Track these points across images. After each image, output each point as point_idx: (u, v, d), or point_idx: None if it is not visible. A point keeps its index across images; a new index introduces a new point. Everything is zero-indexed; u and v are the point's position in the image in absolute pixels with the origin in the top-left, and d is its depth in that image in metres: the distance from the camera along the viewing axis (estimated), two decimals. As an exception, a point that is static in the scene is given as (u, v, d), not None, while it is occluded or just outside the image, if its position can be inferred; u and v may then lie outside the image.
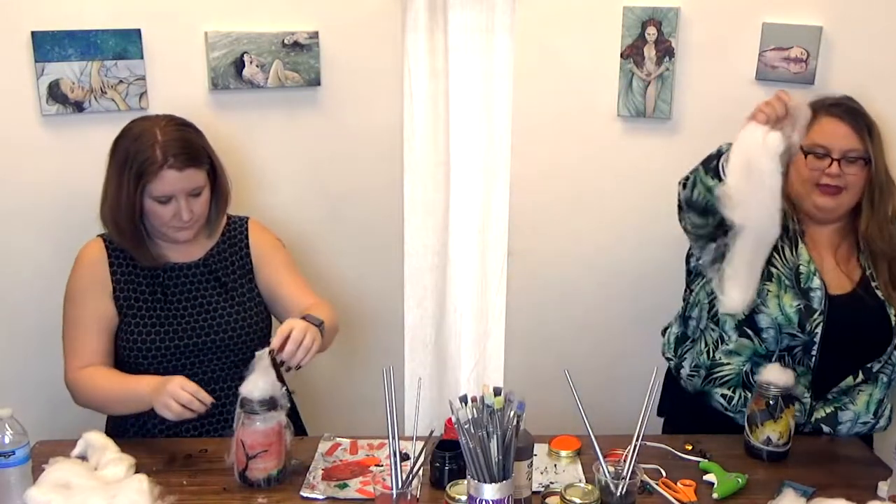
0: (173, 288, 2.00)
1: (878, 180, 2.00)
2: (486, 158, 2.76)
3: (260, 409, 1.69)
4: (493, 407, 1.43)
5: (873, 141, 1.98)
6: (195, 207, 1.94)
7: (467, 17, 2.64)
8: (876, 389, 2.01)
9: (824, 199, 2.00)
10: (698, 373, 2.09)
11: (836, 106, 2.01)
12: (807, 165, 2.00)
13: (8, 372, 2.27)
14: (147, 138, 1.89)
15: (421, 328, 2.88)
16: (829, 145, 1.98)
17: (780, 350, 1.99)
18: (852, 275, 2.02)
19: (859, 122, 1.98)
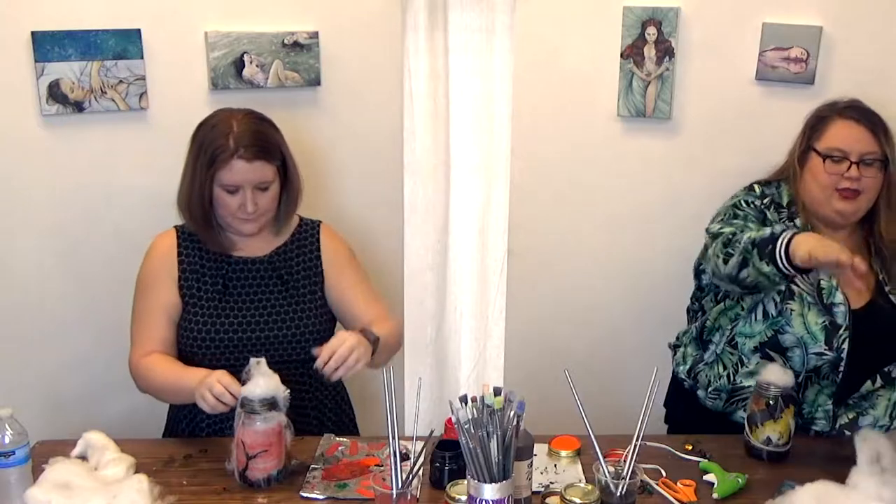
0: (235, 281, 2.02)
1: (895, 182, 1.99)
2: (486, 158, 2.76)
3: (260, 408, 1.69)
4: (493, 407, 1.43)
5: (889, 142, 1.97)
6: (261, 201, 1.96)
7: (467, 17, 2.64)
8: (894, 392, 2.01)
9: (844, 203, 1.98)
10: (719, 396, 2.07)
11: (850, 108, 2.00)
12: (825, 171, 1.98)
13: (8, 372, 2.27)
14: (223, 128, 1.93)
15: (421, 328, 2.88)
16: (847, 148, 1.96)
17: (807, 371, 1.97)
18: (868, 282, 1.97)
19: (875, 123, 1.98)
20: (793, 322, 1.95)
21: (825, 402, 2.00)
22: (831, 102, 2.06)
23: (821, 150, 1.98)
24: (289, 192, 2.05)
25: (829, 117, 2.01)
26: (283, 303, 2.02)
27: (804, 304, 1.95)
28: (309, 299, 2.05)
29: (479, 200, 2.80)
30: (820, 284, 1.95)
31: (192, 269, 2.02)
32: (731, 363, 2.05)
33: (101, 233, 2.31)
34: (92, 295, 2.32)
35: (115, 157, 2.31)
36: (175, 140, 2.24)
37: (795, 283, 1.95)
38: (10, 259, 2.25)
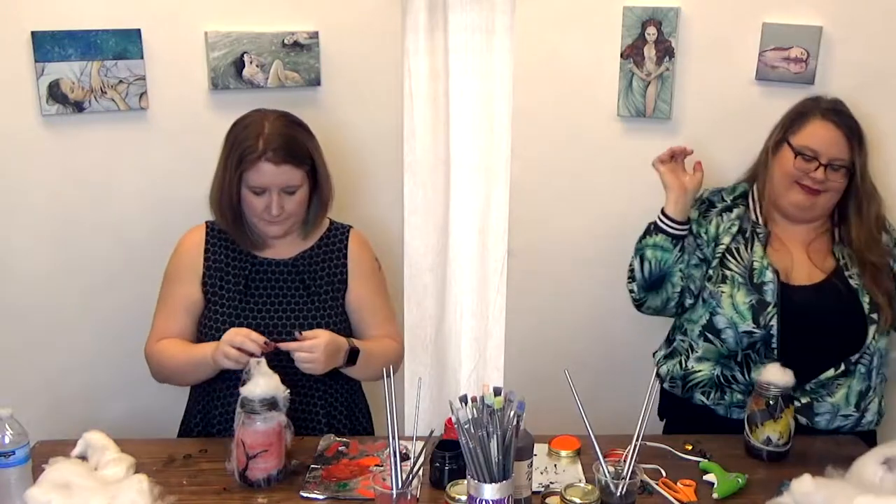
0: (258, 282, 2.03)
1: (865, 189, 2.06)
2: (486, 158, 2.76)
3: (260, 408, 1.69)
4: (493, 407, 1.43)
5: (861, 151, 2.04)
6: (287, 205, 1.97)
7: (467, 17, 2.64)
8: (854, 381, 2.03)
9: (803, 197, 2.05)
10: (676, 383, 2.16)
11: (832, 111, 2.05)
12: (794, 165, 2.05)
13: (8, 372, 2.27)
14: (254, 129, 1.95)
15: (421, 328, 2.88)
16: (820, 150, 2.03)
17: (743, 350, 2.05)
18: (825, 266, 2.07)
19: (852, 131, 2.04)
20: (722, 303, 2.04)
21: None
22: (815, 98, 2.11)
23: (794, 146, 2.05)
24: (318, 197, 2.05)
25: (811, 114, 2.06)
26: (303, 307, 2.02)
27: (735, 285, 2.04)
28: (330, 305, 2.05)
29: (479, 200, 2.80)
30: (752, 266, 2.04)
31: (216, 267, 2.03)
32: (683, 350, 2.15)
33: (101, 233, 2.31)
34: (92, 295, 2.32)
35: (115, 157, 2.31)
36: (175, 140, 2.25)
37: (727, 267, 2.06)
38: (10, 259, 2.25)
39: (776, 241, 2.11)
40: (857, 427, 2.05)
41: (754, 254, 2.07)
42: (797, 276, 2.06)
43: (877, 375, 2.06)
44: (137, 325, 2.12)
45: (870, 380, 2.04)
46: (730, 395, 2.08)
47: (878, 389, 2.07)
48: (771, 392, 1.85)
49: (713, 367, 2.09)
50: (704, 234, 2.14)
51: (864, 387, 2.03)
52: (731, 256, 2.08)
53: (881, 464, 1.63)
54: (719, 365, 2.08)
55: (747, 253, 2.07)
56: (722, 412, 2.09)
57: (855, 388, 2.03)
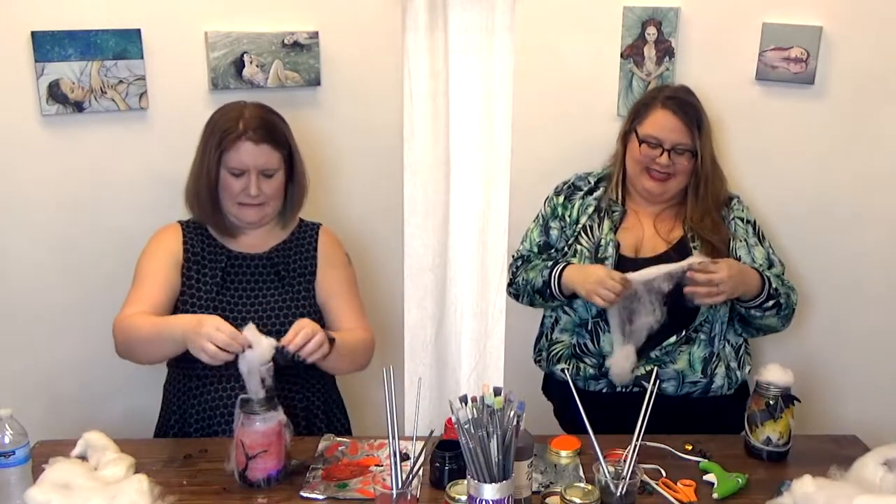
0: (234, 276, 2.04)
1: (704, 171, 2.17)
2: (486, 158, 2.75)
3: (259, 409, 1.69)
4: (493, 407, 1.43)
5: (702, 135, 2.15)
6: (265, 187, 2.00)
7: (467, 17, 2.64)
8: (696, 348, 2.14)
9: (653, 183, 2.19)
10: (542, 356, 2.34)
11: (671, 99, 2.16)
12: (640, 153, 2.18)
13: (8, 372, 2.27)
14: (234, 113, 2.01)
15: (421, 328, 2.87)
16: (662, 137, 2.15)
17: (593, 318, 2.19)
18: (670, 237, 2.21)
19: (690, 117, 2.15)
20: None
21: None
22: (660, 88, 2.25)
23: (640, 135, 2.18)
24: (294, 186, 2.08)
25: (652, 105, 2.18)
26: (278, 299, 2.03)
27: (582, 259, 2.21)
28: (304, 297, 2.06)
29: (479, 200, 2.79)
30: (600, 242, 2.20)
31: (194, 260, 2.04)
32: (549, 323, 2.34)
33: (101, 232, 2.31)
34: (91, 295, 2.32)
35: (115, 157, 2.31)
36: (175, 140, 2.25)
37: (579, 242, 2.23)
38: (10, 258, 2.25)
39: (631, 218, 2.24)
40: (709, 392, 2.16)
41: (602, 230, 2.21)
42: (645, 249, 2.19)
43: (720, 342, 2.17)
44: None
45: (712, 346, 2.15)
46: (584, 368, 2.18)
47: (724, 355, 2.18)
48: (771, 392, 1.85)
49: (570, 336, 2.24)
50: (567, 217, 2.29)
51: (706, 353, 2.16)
52: (585, 233, 2.24)
53: (881, 464, 1.63)
54: (575, 334, 2.23)
55: (598, 230, 2.22)
56: (581, 385, 2.18)
57: (697, 355, 2.14)
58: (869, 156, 2.38)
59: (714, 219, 2.19)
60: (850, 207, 2.42)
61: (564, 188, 2.34)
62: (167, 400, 2.09)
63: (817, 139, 2.40)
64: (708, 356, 2.16)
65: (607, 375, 2.16)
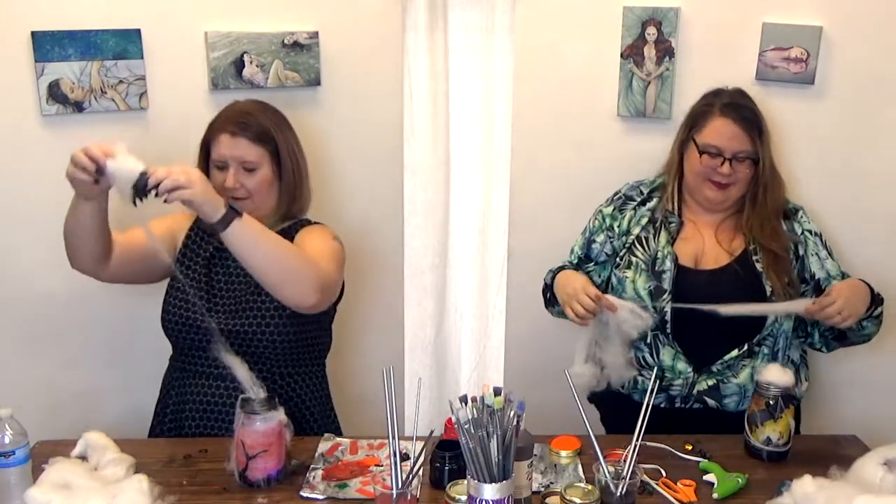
0: (218, 268, 2.05)
1: (763, 178, 2.12)
2: (486, 158, 2.76)
3: (260, 409, 1.69)
4: (493, 407, 1.43)
5: (762, 142, 2.10)
6: (246, 182, 2.00)
7: (467, 17, 2.64)
8: (758, 362, 2.08)
9: (714, 192, 2.13)
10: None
11: (730, 107, 2.10)
12: (701, 163, 2.11)
13: (8, 372, 2.27)
14: (228, 109, 2.06)
15: (421, 328, 2.88)
16: (722, 146, 2.08)
17: (652, 331, 2.11)
18: (733, 249, 2.14)
19: (751, 123, 2.09)
20: (626, 288, 2.14)
21: (685, 370, 2.09)
22: (716, 92, 2.16)
23: (699, 144, 2.11)
24: (284, 185, 2.06)
25: (710, 113, 2.12)
26: (250, 292, 2.01)
27: (637, 271, 2.14)
28: None
29: (479, 200, 2.80)
30: (656, 255, 2.14)
31: (191, 248, 2.08)
32: None
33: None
34: (91, 295, 2.32)
35: (115, 157, 2.30)
36: (175, 140, 2.25)
37: (633, 254, 2.16)
38: (10, 258, 2.25)
39: (689, 228, 2.18)
40: None
41: (659, 243, 2.15)
42: (706, 261, 2.14)
43: (783, 357, 2.11)
44: (138, 325, 2.12)
45: (776, 360, 2.09)
46: (641, 381, 2.14)
47: None
48: (771, 392, 1.85)
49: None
50: (617, 228, 2.23)
51: None
52: (639, 245, 2.17)
53: (881, 464, 1.63)
54: (633, 347, 2.14)
55: (654, 242, 2.16)
56: (637, 398, 2.14)
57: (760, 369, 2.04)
58: (869, 156, 2.38)
59: (774, 226, 2.13)
60: (849, 207, 2.42)
61: (615, 199, 2.28)
62: (164, 394, 2.09)
63: (817, 139, 2.40)
64: None
65: (667, 390, 2.11)
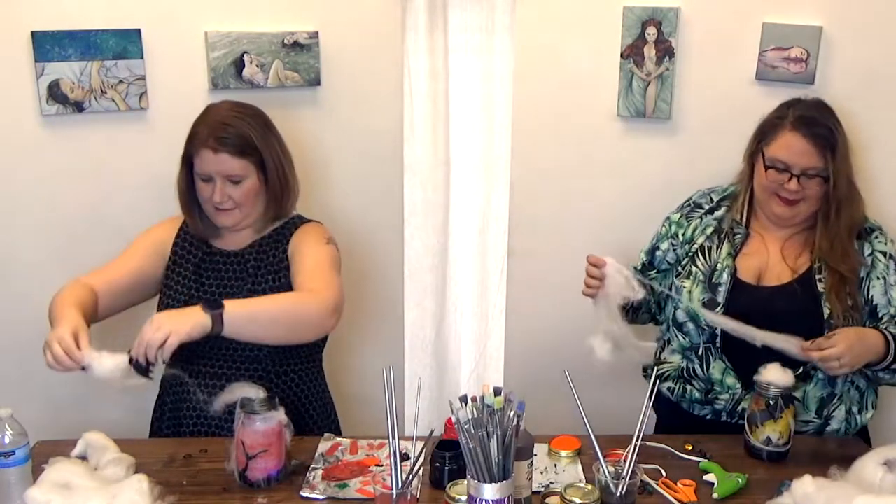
0: (209, 272, 2.04)
1: (836, 196, 2.00)
2: (486, 158, 2.76)
3: (260, 409, 1.69)
4: (493, 407, 1.43)
5: (835, 159, 1.97)
6: (233, 193, 1.98)
7: (467, 17, 2.64)
8: (811, 386, 2.00)
9: (782, 208, 2.04)
10: (647, 373, 2.21)
11: (802, 121, 2.00)
12: (767, 177, 2.02)
13: (8, 372, 2.27)
14: (207, 116, 1.99)
15: (421, 328, 2.88)
16: (790, 162, 1.98)
17: (704, 343, 2.07)
18: (798, 267, 2.05)
19: (823, 139, 1.97)
20: (682, 298, 2.09)
21: (734, 385, 2.04)
22: (790, 104, 2.06)
23: (766, 158, 2.02)
24: (271, 190, 2.03)
25: (781, 126, 2.02)
26: (247, 296, 2.00)
27: (695, 282, 2.09)
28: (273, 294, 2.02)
29: (479, 200, 2.80)
30: (716, 266, 2.08)
31: (181, 255, 2.07)
32: (661, 342, 2.20)
33: (101, 233, 2.31)
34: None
35: (115, 157, 2.31)
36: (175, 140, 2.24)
37: (694, 264, 2.10)
38: (10, 258, 2.25)
39: (755, 242, 2.10)
40: (822, 434, 2.03)
41: (720, 254, 2.09)
42: (768, 277, 2.07)
43: (844, 384, 2.02)
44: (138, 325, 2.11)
45: (833, 387, 2.01)
46: (690, 392, 2.10)
47: (847, 398, 2.03)
48: (771, 392, 1.85)
49: (680, 358, 2.13)
50: (681, 236, 2.17)
51: (824, 393, 2.01)
52: (701, 255, 2.11)
53: (881, 464, 1.63)
54: (685, 358, 2.12)
55: (716, 253, 2.09)
56: (686, 407, 2.13)
57: (813, 394, 2.00)
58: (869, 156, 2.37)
59: (845, 246, 2.02)
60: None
61: (684, 206, 2.21)
62: (162, 392, 2.09)
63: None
64: (826, 397, 2.01)
65: (713, 403, 2.07)
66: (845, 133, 2.02)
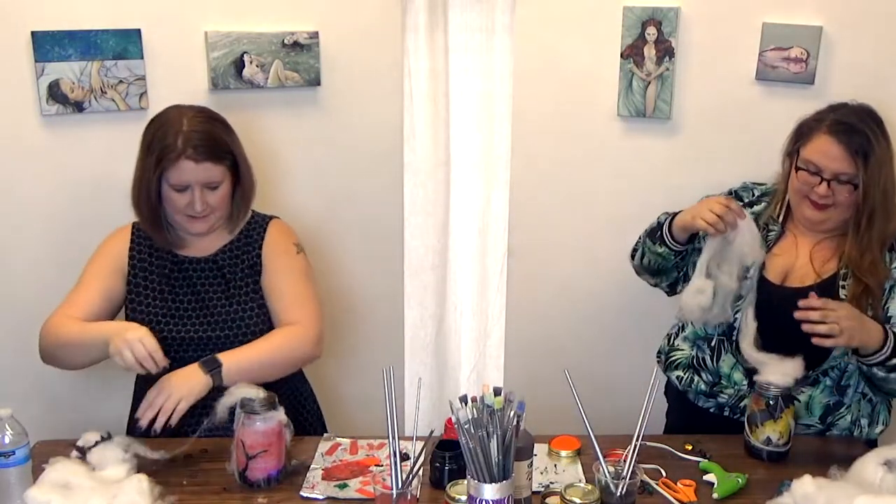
0: (180, 281, 2.02)
1: (868, 206, 1.96)
2: (486, 158, 2.76)
3: (260, 409, 1.69)
4: (493, 407, 1.43)
5: (868, 167, 1.93)
6: (210, 199, 1.96)
7: (467, 16, 2.64)
8: (818, 392, 1.99)
9: (813, 212, 2.02)
10: (660, 358, 2.22)
11: (839, 124, 1.97)
12: (798, 179, 2.01)
13: (8, 372, 2.27)
14: (173, 126, 1.92)
15: (421, 328, 2.88)
16: (821, 165, 1.96)
17: (718, 335, 2.08)
18: (823, 271, 2.02)
19: (856, 145, 1.94)
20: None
21: (741, 381, 2.04)
22: (834, 107, 2.03)
23: (800, 159, 2.01)
24: (241, 190, 2.03)
25: (817, 128, 1.99)
26: (224, 302, 2.01)
27: None
28: (251, 297, 2.03)
29: (479, 200, 2.80)
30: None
31: (141, 268, 2.03)
32: (675, 328, 2.22)
33: (101, 233, 2.30)
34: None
35: (115, 157, 2.30)
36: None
37: None
38: (10, 259, 2.25)
39: (788, 241, 2.08)
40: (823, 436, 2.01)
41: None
42: (794, 277, 2.05)
43: (854, 393, 2.00)
44: (137, 325, 2.11)
45: (841, 395, 2.00)
46: (697, 383, 2.11)
47: (856, 408, 2.01)
48: (771, 392, 1.85)
49: (691, 347, 2.14)
50: None
51: (831, 400, 1.99)
52: None
53: (881, 464, 1.63)
54: (696, 346, 2.13)
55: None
56: (691, 398, 2.13)
57: (819, 400, 1.99)
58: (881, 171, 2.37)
59: (875, 258, 1.97)
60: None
61: (726, 194, 2.17)
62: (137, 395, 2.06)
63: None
64: (832, 404, 1.98)
65: (717, 396, 2.07)
66: (890, 143, 1.99)
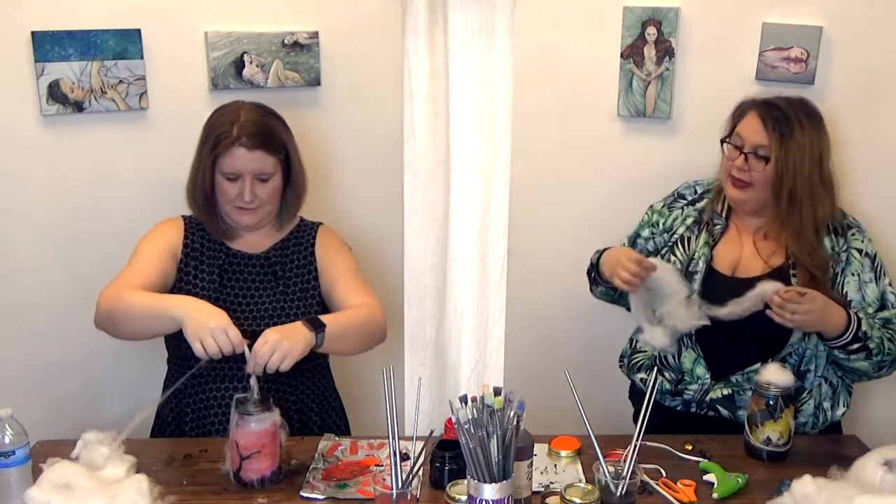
0: (231, 274, 2.04)
1: (786, 186, 1.99)
2: (486, 158, 2.76)
3: (254, 409, 1.69)
4: (493, 407, 1.43)
5: (784, 146, 1.98)
6: (260, 191, 1.99)
7: (467, 17, 2.64)
8: None
9: (734, 191, 2.07)
10: (623, 362, 2.27)
11: (764, 103, 2.05)
12: (726, 155, 2.08)
13: (8, 372, 2.27)
14: (230, 116, 1.98)
15: (421, 328, 2.88)
16: (743, 137, 2.04)
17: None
18: (771, 260, 2.07)
19: (775, 123, 2.00)
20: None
21: (703, 375, 2.07)
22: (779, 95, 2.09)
23: (732, 136, 2.08)
24: (292, 188, 2.07)
25: (751, 107, 2.07)
26: (273, 299, 2.03)
27: None
28: (300, 297, 2.05)
29: (479, 200, 2.80)
30: (693, 256, 2.11)
31: (193, 255, 2.04)
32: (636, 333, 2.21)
33: (101, 233, 2.31)
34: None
35: (115, 157, 2.31)
36: (175, 140, 2.25)
37: (673, 253, 2.14)
38: (10, 259, 2.25)
39: (732, 233, 2.13)
40: None
41: (698, 244, 2.12)
42: (743, 269, 2.09)
43: (815, 378, 2.04)
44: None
45: (803, 381, 2.02)
46: (661, 383, 2.11)
47: (818, 393, 2.04)
48: (771, 392, 1.85)
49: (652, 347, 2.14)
50: (661, 224, 2.21)
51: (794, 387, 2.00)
52: (680, 244, 2.15)
53: (881, 464, 1.63)
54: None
55: (694, 244, 2.13)
56: (657, 398, 2.10)
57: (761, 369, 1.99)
58: (869, 156, 2.38)
59: (812, 242, 2.02)
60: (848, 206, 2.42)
61: (669, 195, 2.25)
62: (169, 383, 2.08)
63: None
64: (794, 390, 1.95)
65: (682, 394, 2.10)
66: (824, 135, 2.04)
